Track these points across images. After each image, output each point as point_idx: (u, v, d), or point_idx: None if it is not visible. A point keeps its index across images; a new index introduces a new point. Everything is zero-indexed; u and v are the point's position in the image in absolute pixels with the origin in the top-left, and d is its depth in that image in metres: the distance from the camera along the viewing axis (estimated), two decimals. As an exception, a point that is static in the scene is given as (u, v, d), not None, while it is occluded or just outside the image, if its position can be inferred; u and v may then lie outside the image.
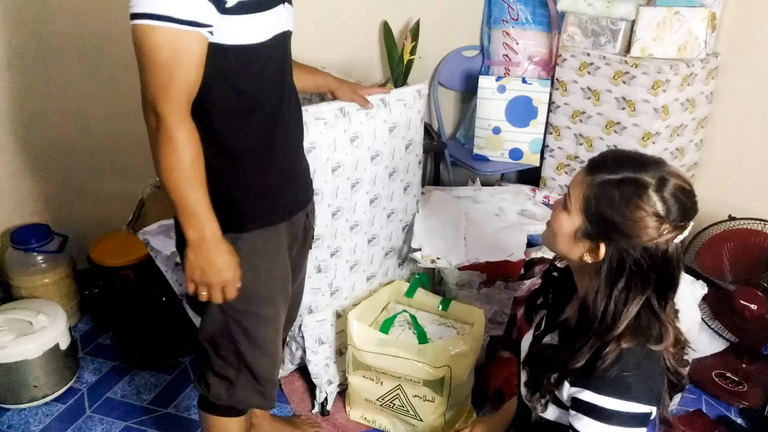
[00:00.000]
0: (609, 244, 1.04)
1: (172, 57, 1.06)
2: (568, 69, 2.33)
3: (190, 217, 1.15)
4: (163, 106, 1.08)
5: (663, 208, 1.00)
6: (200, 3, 1.06)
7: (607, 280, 1.05)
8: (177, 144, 1.10)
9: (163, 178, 1.13)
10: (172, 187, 1.13)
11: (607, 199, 1.03)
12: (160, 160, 1.11)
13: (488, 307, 2.00)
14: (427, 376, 1.76)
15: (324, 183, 1.71)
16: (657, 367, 1.07)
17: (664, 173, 1.02)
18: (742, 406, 2.03)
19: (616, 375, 1.03)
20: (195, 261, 1.18)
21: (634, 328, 1.05)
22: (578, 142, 2.38)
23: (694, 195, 1.04)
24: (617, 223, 1.02)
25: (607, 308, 1.04)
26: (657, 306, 1.05)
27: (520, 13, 2.55)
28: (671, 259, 1.03)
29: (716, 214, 2.15)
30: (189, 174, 1.12)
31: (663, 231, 1.00)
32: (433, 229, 2.03)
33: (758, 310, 1.96)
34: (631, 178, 1.02)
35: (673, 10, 2.10)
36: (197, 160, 1.13)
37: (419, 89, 1.88)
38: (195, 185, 1.13)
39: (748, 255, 2.01)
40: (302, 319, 1.86)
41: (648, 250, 1.02)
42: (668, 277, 1.05)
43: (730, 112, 2.28)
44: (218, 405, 1.43)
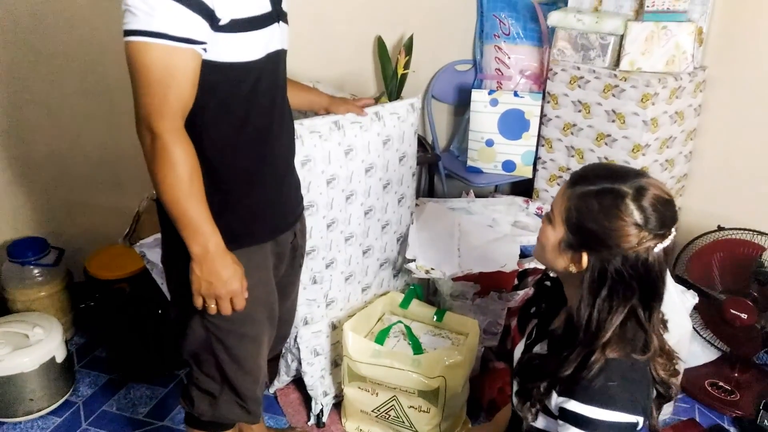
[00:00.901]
0: (590, 253, 1.06)
1: (167, 74, 1.07)
2: (558, 82, 2.37)
3: (192, 232, 1.15)
4: (158, 124, 1.09)
5: (641, 217, 1.02)
6: (194, 20, 1.07)
7: (590, 290, 1.07)
8: (174, 160, 1.10)
9: (163, 195, 1.13)
10: (173, 203, 1.13)
11: (587, 210, 1.06)
12: (159, 178, 1.11)
13: (482, 317, 2.01)
14: (421, 386, 1.77)
15: (319, 195, 1.73)
16: (643, 378, 1.08)
17: (642, 183, 1.05)
18: (734, 415, 2.04)
19: (601, 385, 1.04)
20: (201, 274, 1.18)
21: (619, 338, 1.06)
22: (570, 154, 2.42)
23: (674, 205, 1.06)
24: (597, 233, 1.05)
25: (591, 317, 1.06)
26: (642, 316, 1.06)
27: (511, 28, 2.59)
28: (652, 269, 1.04)
29: (706, 224, 2.18)
30: (188, 189, 1.12)
31: (642, 240, 1.02)
32: (427, 240, 2.05)
33: (748, 320, 1.98)
34: (609, 188, 1.05)
35: (661, 24, 2.15)
36: (195, 175, 1.14)
37: (412, 103, 1.91)
38: (195, 200, 1.14)
39: (738, 265, 2.03)
40: (298, 331, 1.87)
41: (628, 259, 1.03)
42: (651, 287, 1.06)
43: (718, 124, 2.32)
44: (203, 420, 1.43)
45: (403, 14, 2.54)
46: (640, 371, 1.08)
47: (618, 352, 1.06)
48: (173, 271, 1.32)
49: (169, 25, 1.05)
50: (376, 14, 2.49)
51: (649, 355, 1.08)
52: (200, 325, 1.30)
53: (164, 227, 1.28)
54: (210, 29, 1.09)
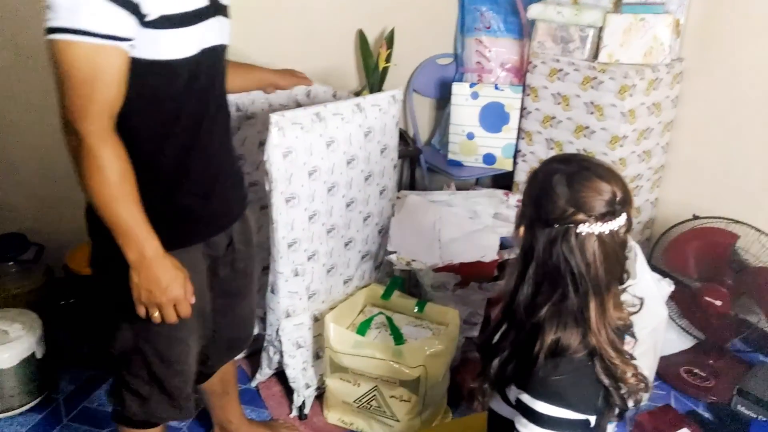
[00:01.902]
0: (527, 224, 1.11)
1: (92, 73, 1.02)
2: (538, 75, 2.39)
3: (126, 237, 1.11)
4: (82, 126, 1.04)
5: (567, 191, 1.04)
6: (119, 16, 1.01)
7: (521, 263, 1.11)
8: (102, 163, 1.06)
9: (92, 199, 1.09)
10: (103, 207, 1.08)
11: (530, 181, 1.13)
12: (86, 181, 1.07)
13: (463, 308, 2.04)
14: (403, 376, 1.79)
15: (300, 187, 1.73)
16: (591, 377, 1.09)
17: (583, 165, 1.08)
18: (709, 400, 2.08)
19: (552, 382, 1.06)
20: (140, 282, 1.13)
21: (558, 328, 1.07)
22: (549, 147, 2.44)
23: (610, 194, 1.05)
24: (530, 205, 1.10)
25: (519, 292, 1.10)
26: (574, 301, 1.07)
27: (492, 22, 2.61)
28: (583, 254, 1.05)
29: (682, 214, 2.21)
30: (118, 192, 1.08)
31: (567, 215, 1.04)
32: (409, 232, 2.07)
33: (723, 307, 2.03)
34: (553, 166, 1.10)
35: (639, 17, 2.17)
36: (126, 177, 1.09)
37: (394, 94, 1.92)
38: (126, 203, 1.09)
39: (713, 253, 2.07)
40: (280, 324, 1.87)
41: (557, 240, 1.05)
42: (579, 273, 1.05)
43: (695, 116, 2.36)
44: (133, 419, 1.42)
45: (384, 8, 2.54)
46: (588, 370, 1.09)
47: (568, 343, 1.07)
48: (99, 273, 1.29)
49: (94, 21, 1.00)
50: (358, 8, 2.49)
51: (588, 351, 1.08)
52: (128, 327, 1.28)
53: (90, 230, 1.25)
54: (137, 25, 1.05)
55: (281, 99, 2.06)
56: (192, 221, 1.27)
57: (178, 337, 1.32)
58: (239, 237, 1.40)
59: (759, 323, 2.07)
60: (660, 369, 2.08)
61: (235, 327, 1.52)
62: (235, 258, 1.41)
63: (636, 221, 2.47)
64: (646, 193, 2.45)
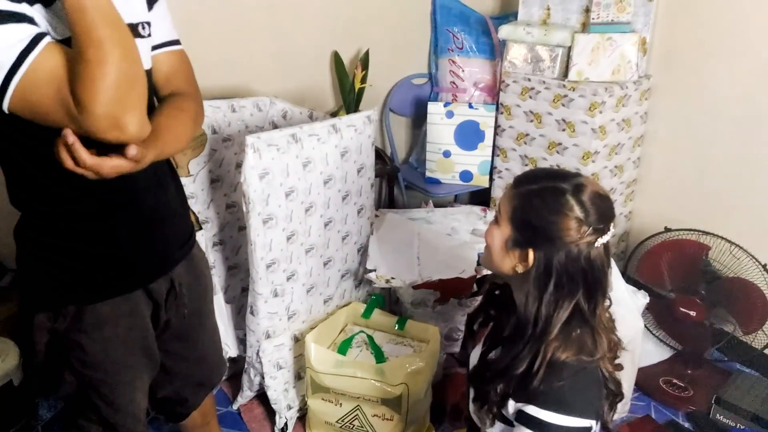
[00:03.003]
0: (536, 249, 1.11)
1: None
2: (511, 94, 2.44)
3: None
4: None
5: (581, 210, 1.08)
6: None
7: (537, 284, 1.11)
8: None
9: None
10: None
11: (531, 206, 1.12)
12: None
13: (443, 324, 2.05)
14: (384, 394, 1.79)
15: (278, 208, 1.74)
16: (594, 380, 1.12)
17: (580, 181, 1.11)
18: (689, 410, 2.11)
19: (557, 389, 1.07)
20: None
21: (565, 337, 1.10)
22: (524, 163, 2.48)
23: (610, 200, 1.12)
24: (541, 228, 1.10)
25: (539, 312, 1.10)
26: (587, 310, 1.10)
27: (464, 42, 2.66)
28: (595, 263, 1.10)
29: (655, 226, 2.26)
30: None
31: (583, 233, 1.08)
32: (388, 250, 2.08)
33: (697, 317, 2.06)
34: (550, 186, 1.11)
35: (606, 36, 2.24)
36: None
37: (369, 115, 1.95)
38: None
39: (686, 264, 2.11)
40: (260, 345, 1.87)
41: (571, 254, 1.08)
42: (594, 281, 1.11)
43: (664, 130, 2.41)
44: None
45: (358, 29, 2.58)
46: (591, 373, 1.11)
47: (566, 353, 1.09)
48: (30, 322, 1.22)
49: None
50: (333, 30, 2.53)
51: (599, 355, 1.11)
52: (72, 376, 1.25)
53: (21, 269, 1.21)
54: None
55: (257, 121, 2.08)
56: (127, 270, 1.21)
57: (123, 381, 1.29)
58: (183, 279, 1.33)
59: (735, 332, 2.11)
60: (639, 380, 2.10)
61: (200, 366, 1.49)
62: (179, 302, 1.33)
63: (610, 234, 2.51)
64: (620, 206, 2.49)
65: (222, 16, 2.24)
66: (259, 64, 2.38)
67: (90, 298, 1.18)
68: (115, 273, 1.20)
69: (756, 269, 2.01)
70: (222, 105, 1.99)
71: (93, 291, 1.18)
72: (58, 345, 1.21)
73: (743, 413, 1.98)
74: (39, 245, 1.16)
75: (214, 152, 1.98)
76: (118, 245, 1.18)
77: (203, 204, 2.00)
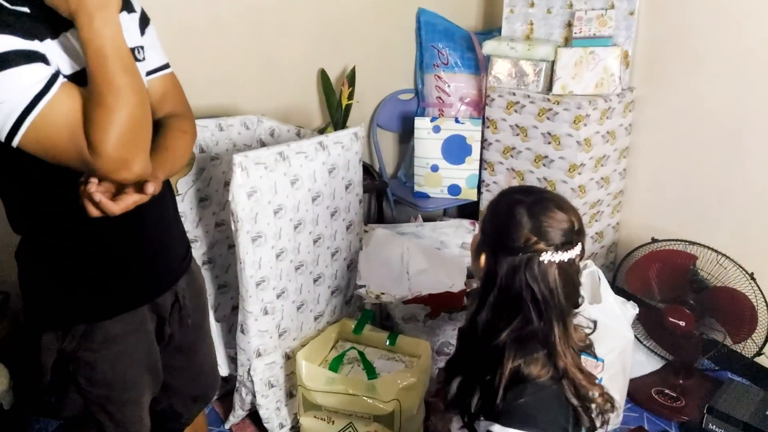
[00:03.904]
0: (487, 253, 1.15)
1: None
2: (496, 108, 2.46)
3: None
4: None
5: (529, 221, 1.09)
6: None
7: (483, 285, 1.14)
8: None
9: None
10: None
11: (492, 210, 1.17)
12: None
13: (434, 339, 2.05)
14: (377, 411, 1.78)
15: (266, 225, 1.74)
16: (559, 398, 1.12)
17: (542, 196, 1.14)
18: (681, 420, 2.11)
19: (519, 405, 1.08)
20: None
21: (526, 354, 1.10)
22: (511, 176, 2.50)
23: (572, 221, 1.11)
24: (492, 232, 1.15)
25: (480, 315, 1.13)
26: (540, 328, 1.10)
27: (449, 58, 2.69)
28: (546, 279, 1.09)
29: (642, 237, 2.28)
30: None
31: (529, 244, 1.08)
32: (377, 266, 2.08)
33: (687, 327, 2.07)
34: (514, 197, 1.15)
35: (589, 50, 2.27)
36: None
37: (356, 132, 1.96)
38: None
39: (673, 274, 2.13)
40: (251, 363, 1.86)
41: (515, 263, 1.09)
42: (544, 299, 1.09)
43: (649, 142, 2.44)
44: None
45: (344, 47, 2.61)
46: (556, 392, 1.11)
47: (528, 370, 1.09)
48: (37, 343, 1.23)
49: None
50: (319, 47, 2.55)
51: (559, 376, 1.11)
52: (76, 393, 1.24)
53: (26, 292, 1.21)
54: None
55: (245, 139, 2.09)
56: (136, 284, 1.24)
57: (131, 399, 1.29)
58: (185, 292, 1.37)
59: (724, 341, 2.12)
60: (631, 391, 2.11)
61: (197, 380, 1.50)
62: (183, 314, 1.37)
63: (599, 245, 2.53)
64: (607, 218, 2.51)
65: (209, 36, 2.25)
66: (247, 83, 2.40)
67: (100, 316, 1.19)
68: (123, 290, 1.22)
69: (743, 278, 2.02)
70: (209, 124, 2.00)
71: (102, 308, 1.20)
72: (65, 364, 1.21)
73: (735, 422, 1.98)
74: (46, 267, 1.17)
75: (202, 171, 1.98)
76: (127, 263, 1.21)
77: (192, 223, 1.99)
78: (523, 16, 2.49)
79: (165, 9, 2.13)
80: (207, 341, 1.54)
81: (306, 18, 2.47)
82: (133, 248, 1.21)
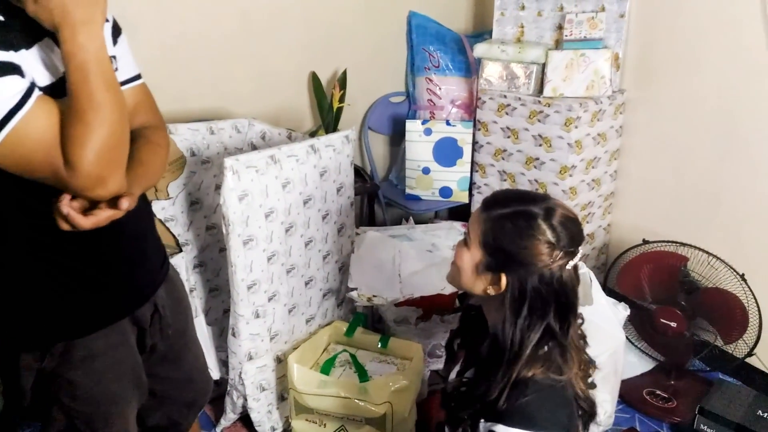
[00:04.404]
0: (509, 274, 1.12)
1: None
2: (487, 110, 2.47)
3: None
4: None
5: (552, 235, 1.09)
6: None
7: (512, 309, 1.11)
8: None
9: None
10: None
11: (502, 231, 1.12)
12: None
13: (426, 341, 2.05)
14: (369, 414, 1.78)
15: (258, 229, 1.74)
16: (562, 397, 1.12)
17: (549, 204, 1.12)
18: (673, 421, 2.11)
19: (524, 406, 1.08)
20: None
21: (535, 355, 1.10)
22: (502, 179, 2.51)
23: (579, 223, 1.14)
24: (513, 253, 1.10)
25: (514, 336, 1.11)
26: (558, 330, 1.12)
27: (440, 61, 2.70)
28: (566, 285, 1.11)
29: (633, 238, 2.28)
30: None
31: (555, 257, 1.09)
32: (369, 268, 2.08)
33: (678, 328, 2.08)
34: (521, 210, 1.11)
35: (579, 52, 2.28)
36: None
37: (347, 135, 1.96)
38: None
39: (664, 275, 2.13)
40: (242, 367, 1.85)
41: (544, 278, 1.10)
42: (565, 302, 1.12)
43: (639, 144, 2.45)
44: None
45: (336, 50, 2.60)
46: (559, 391, 1.12)
47: (533, 370, 1.10)
48: (16, 364, 1.19)
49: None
50: (310, 51, 2.54)
51: (570, 374, 1.12)
52: (61, 412, 1.21)
53: (2, 312, 1.16)
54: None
55: (236, 142, 2.08)
56: (114, 298, 1.21)
57: (115, 413, 1.27)
58: (165, 301, 1.34)
59: (716, 342, 2.13)
60: (623, 392, 2.11)
61: (188, 387, 1.48)
62: (163, 324, 1.34)
63: (591, 247, 2.53)
64: (599, 219, 2.52)
65: (199, 39, 2.25)
66: (238, 86, 2.39)
67: (79, 332, 1.16)
68: (102, 304, 1.19)
69: (734, 279, 2.03)
70: (200, 127, 1.99)
71: (82, 325, 1.17)
72: (46, 384, 1.18)
73: (727, 423, 1.99)
74: (21, 285, 1.13)
75: (193, 174, 1.97)
76: (105, 276, 1.18)
77: (183, 226, 1.99)
78: (514, 19, 2.50)
79: (156, 13, 2.13)
80: (193, 347, 1.51)
81: (297, 21, 2.47)
82: (111, 262, 1.19)
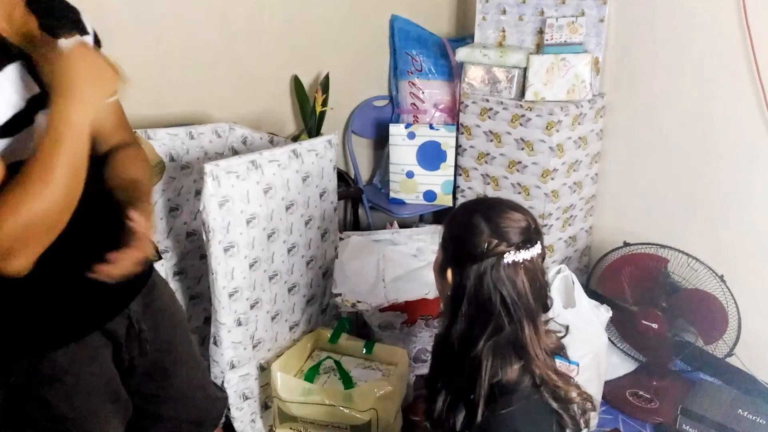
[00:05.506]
0: (452, 267, 1.16)
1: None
2: (470, 114, 2.48)
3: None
4: None
5: (487, 225, 1.12)
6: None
7: (453, 299, 1.15)
8: None
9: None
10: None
11: (450, 227, 1.20)
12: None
13: (411, 346, 2.04)
14: (354, 421, 1.77)
15: (239, 235, 1.72)
16: (542, 409, 1.13)
17: (494, 202, 1.19)
18: (656, 422, 2.13)
19: (504, 416, 1.08)
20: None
21: (500, 360, 1.11)
22: (486, 182, 2.51)
23: (527, 220, 1.15)
24: (453, 245, 1.17)
25: (454, 328, 1.14)
26: (511, 332, 1.11)
27: (423, 65, 2.70)
28: (513, 281, 1.11)
29: (614, 241, 2.30)
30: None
31: (491, 246, 1.10)
32: (353, 274, 2.07)
33: (659, 329, 2.10)
34: (470, 207, 1.20)
35: (560, 57, 2.29)
36: None
37: (330, 139, 1.95)
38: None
39: (645, 277, 2.15)
40: (225, 376, 1.83)
41: (481, 269, 1.11)
42: (513, 301, 1.11)
43: (620, 147, 2.47)
44: None
45: (318, 54, 2.59)
46: (536, 401, 1.12)
47: (504, 377, 1.10)
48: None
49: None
50: (292, 54, 2.53)
51: (536, 382, 1.12)
52: (35, 431, 1.16)
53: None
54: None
55: (216, 147, 2.07)
56: (79, 311, 1.14)
57: (92, 427, 1.20)
58: (139, 315, 1.25)
59: (697, 342, 2.15)
60: (606, 393, 2.12)
61: (183, 404, 1.40)
62: (141, 339, 1.26)
63: (573, 249, 2.55)
64: (580, 222, 2.54)
65: (178, 41, 2.22)
66: (218, 90, 2.37)
67: (43, 349, 1.11)
68: (67, 318, 1.13)
69: (714, 280, 2.06)
70: (180, 132, 1.97)
71: (46, 340, 1.11)
72: (17, 403, 1.12)
73: (709, 422, 2.01)
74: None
75: (172, 180, 1.95)
76: (68, 288, 1.12)
77: (162, 233, 1.96)
78: (496, 23, 2.51)
79: (134, 16, 2.10)
80: (187, 362, 1.42)
81: (278, 24, 2.45)
82: (73, 273, 1.11)
